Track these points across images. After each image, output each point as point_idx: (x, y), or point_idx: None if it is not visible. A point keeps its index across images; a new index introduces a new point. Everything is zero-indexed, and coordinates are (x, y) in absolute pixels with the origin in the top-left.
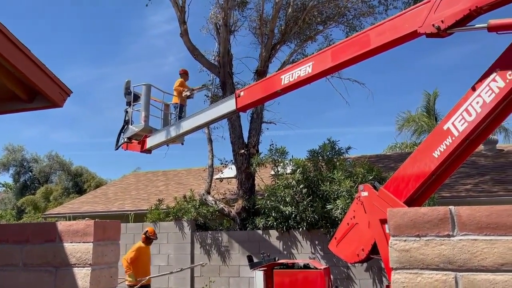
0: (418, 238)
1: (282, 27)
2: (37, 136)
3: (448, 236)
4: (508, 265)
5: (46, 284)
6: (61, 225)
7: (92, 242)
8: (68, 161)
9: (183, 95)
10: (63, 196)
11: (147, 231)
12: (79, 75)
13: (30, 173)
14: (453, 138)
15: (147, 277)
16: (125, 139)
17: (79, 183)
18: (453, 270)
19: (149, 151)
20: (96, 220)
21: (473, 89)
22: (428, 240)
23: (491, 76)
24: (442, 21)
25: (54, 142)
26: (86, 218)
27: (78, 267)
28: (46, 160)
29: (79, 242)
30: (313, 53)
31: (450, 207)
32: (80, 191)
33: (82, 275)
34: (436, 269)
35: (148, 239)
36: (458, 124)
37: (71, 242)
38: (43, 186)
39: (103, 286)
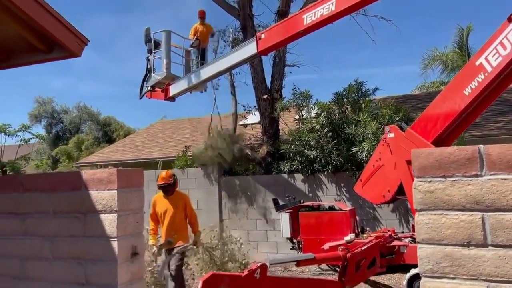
0: (443, 179)
1: None
2: (64, 87)
3: (476, 176)
4: None
5: (76, 230)
6: (86, 174)
7: (116, 189)
8: (96, 111)
9: (190, 45)
10: (94, 145)
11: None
12: (98, 25)
13: (61, 124)
14: (486, 74)
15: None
16: (149, 88)
17: (108, 133)
18: (480, 211)
19: (172, 98)
20: (119, 168)
21: (509, 20)
22: (455, 180)
23: None
24: None
25: (80, 93)
26: (110, 167)
27: (104, 213)
28: (75, 111)
29: (104, 190)
30: None
31: (479, 146)
32: (110, 140)
33: (109, 220)
34: (462, 210)
35: (160, 187)
36: (492, 58)
37: (96, 190)
38: (75, 136)
39: (129, 231)
